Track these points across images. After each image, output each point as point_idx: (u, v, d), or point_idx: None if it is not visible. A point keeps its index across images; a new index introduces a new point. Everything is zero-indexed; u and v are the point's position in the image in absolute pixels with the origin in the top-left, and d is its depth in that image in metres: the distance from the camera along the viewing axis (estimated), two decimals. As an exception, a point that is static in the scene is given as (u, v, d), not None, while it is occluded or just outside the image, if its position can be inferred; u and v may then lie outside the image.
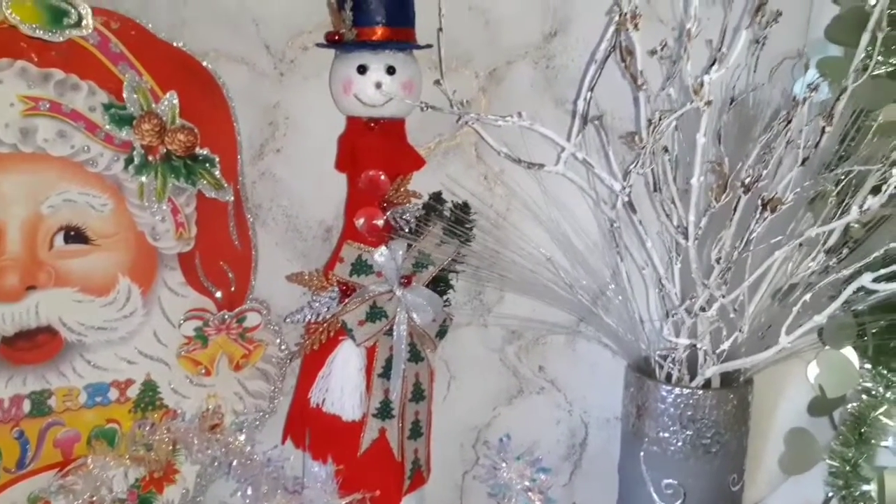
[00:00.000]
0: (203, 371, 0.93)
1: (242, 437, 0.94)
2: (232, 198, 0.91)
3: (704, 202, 0.77)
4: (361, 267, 0.86)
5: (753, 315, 0.82)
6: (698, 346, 0.78)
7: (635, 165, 0.74)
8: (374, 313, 0.85)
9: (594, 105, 0.78)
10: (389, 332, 0.86)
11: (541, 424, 1.05)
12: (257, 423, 0.97)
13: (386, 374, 0.86)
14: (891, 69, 0.86)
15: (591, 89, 0.77)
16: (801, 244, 0.79)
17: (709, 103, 0.64)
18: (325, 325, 0.87)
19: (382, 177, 0.85)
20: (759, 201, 0.72)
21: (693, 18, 0.64)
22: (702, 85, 0.63)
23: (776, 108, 0.86)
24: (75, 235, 0.85)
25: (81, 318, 0.86)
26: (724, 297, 0.77)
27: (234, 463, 0.94)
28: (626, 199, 0.76)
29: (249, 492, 0.93)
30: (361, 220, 0.86)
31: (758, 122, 0.79)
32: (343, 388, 0.84)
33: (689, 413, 0.84)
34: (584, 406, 1.05)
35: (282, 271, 0.95)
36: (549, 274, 0.90)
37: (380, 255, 0.85)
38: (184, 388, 0.93)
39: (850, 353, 0.84)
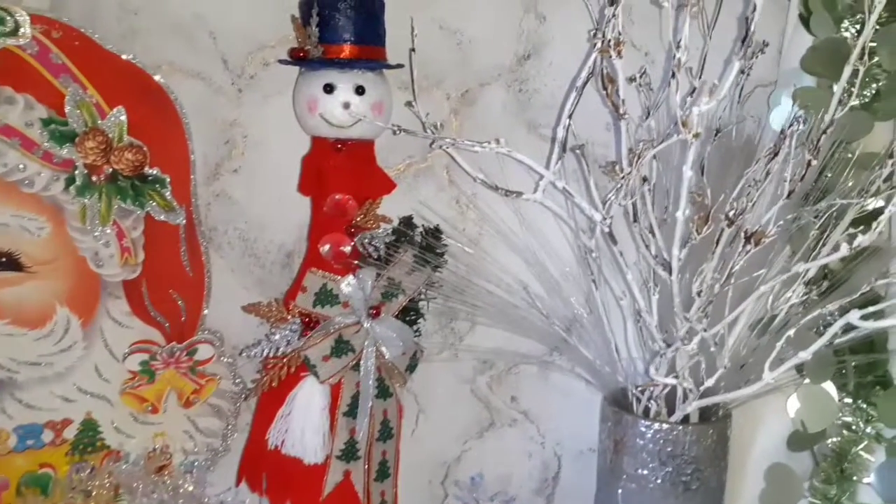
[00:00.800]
0: (149, 408, 0.87)
1: (193, 479, 0.88)
2: (184, 220, 0.85)
3: (684, 233, 0.74)
4: (326, 297, 0.81)
5: (733, 347, 0.80)
6: (679, 383, 0.75)
7: (617, 196, 0.70)
8: (340, 347, 0.79)
9: (571, 131, 0.75)
10: (356, 367, 0.81)
11: (513, 458, 1.01)
12: (209, 463, 0.91)
13: (352, 412, 0.80)
14: (866, 101, 0.85)
15: (570, 116, 0.74)
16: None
17: (697, 136, 0.62)
18: (284, 360, 0.81)
19: (350, 201, 0.80)
20: (743, 234, 0.70)
21: (683, 48, 0.62)
22: (690, 117, 0.61)
23: (748, 135, 0.85)
24: (7, 262, 0.78)
25: (12, 352, 0.79)
26: (705, 330, 0.75)
27: (183, 506, 0.87)
28: (607, 229, 0.73)
29: (201, 539, 0.87)
30: (327, 247, 0.81)
31: (739, 152, 0.77)
32: (304, 429, 0.79)
33: (669, 449, 0.81)
34: (557, 438, 1.02)
35: (237, 300, 0.89)
36: (522, 302, 0.86)
37: (347, 285, 0.80)
38: (128, 426, 0.86)
39: (829, 386, 0.82)
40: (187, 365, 0.88)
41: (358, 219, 0.82)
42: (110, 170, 0.81)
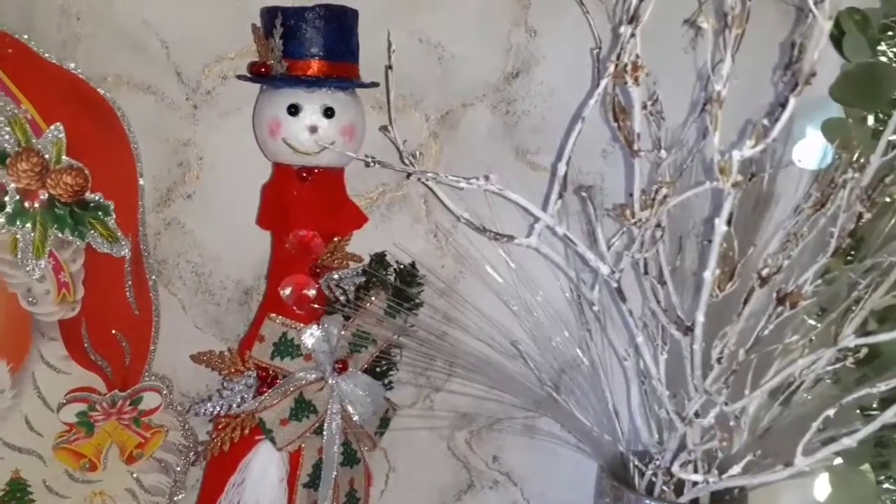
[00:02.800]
0: (87, 465, 0.77)
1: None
2: (129, 253, 0.76)
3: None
4: (286, 348, 0.70)
5: (752, 418, 0.69)
6: (705, 479, 0.64)
7: (633, 248, 0.60)
8: (301, 409, 0.69)
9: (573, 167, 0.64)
10: (318, 431, 0.70)
11: (494, 525, 0.91)
12: (153, 526, 0.81)
13: (313, 483, 0.70)
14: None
15: (572, 151, 0.63)
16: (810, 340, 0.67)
17: (738, 185, 0.51)
18: (238, 420, 0.70)
19: (316, 238, 0.70)
20: (775, 295, 0.60)
21: (723, 79, 0.51)
22: (730, 164, 0.50)
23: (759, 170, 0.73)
24: (-77, 298, 0.68)
25: (-73, 402, 0.69)
26: (726, 404, 0.64)
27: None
28: (616, 284, 0.62)
29: None
30: (288, 290, 0.71)
31: (773, 199, 0.66)
32: (259, 501, 0.68)
33: (676, 533, 0.71)
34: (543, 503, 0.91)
35: (189, 341, 0.80)
36: (507, 355, 0.76)
37: (310, 336, 0.69)
38: (62, 486, 0.77)
39: (866, 467, 0.72)
40: (131, 416, 0.78)
41: (324, 257, 0.72)
42: (46, 195, 0.72)
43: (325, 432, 0.70)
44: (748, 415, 0.68)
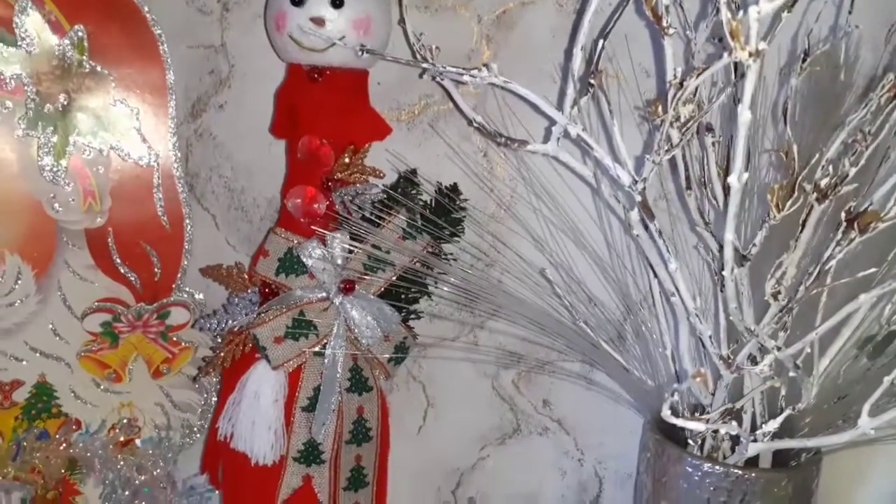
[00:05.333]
0: (112, 376, 0.76)
1: (161, 458, 0.77)
2: (158, 163, 0.72)
3: (762, 208, 0.52)
4: (291, 264, 0.65)
5: (826, 373, 0.57)
6: (739, 430, 0.53)
7: (657, 150, 0.49)
8: (298, 327, 0.64)
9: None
10: (322, 353, 0.65)
11: (542, 473, 0.82)
12: (188, 441, 0.79)
13: (313, 407, 0.65)
14: None
15: (606, 37, 0.53)
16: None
17: (756, 55, 0.39)
18: (241, 336, 0.66)
19: (325, 145, 0.64)
20: (843, 215, 0.47)
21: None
22: (741, 24, 0.38)
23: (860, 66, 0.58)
24: (-55, 200, 0.69)
25: (-46, 304, 0.71)
26: (779, 349, 0.52)
27: (146, 490, 0.76)
28: (640, 197, 0.51)
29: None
30: (297, 202, 0.65)
31: (849, 93, 0.52)
32: (254, 422, 0.64)
33: (723, 499, 0.60)
34: (600, 455, 0.82)
35: (223, 259, 0.76)
36: (544, 294, 0.67)
37: (312, 250, 0.64)
38: (90, 395, 0.77)
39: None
40: (158, 330, 0.77)
41: (338, 169, 0.65)
42: (67, 99, 0.70)
43: (326, 355, 0.64)
44: (818, 369, 0.56)
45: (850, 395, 0.59)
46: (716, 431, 0.61)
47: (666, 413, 0.47)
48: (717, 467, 0.60)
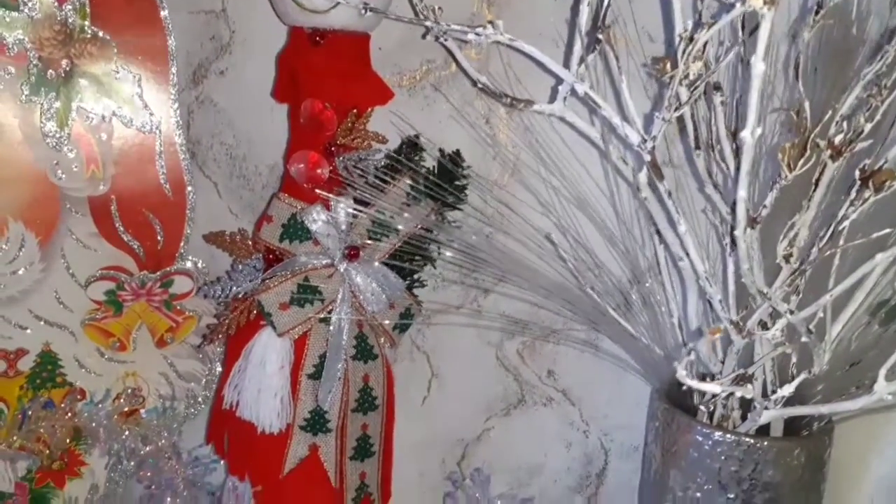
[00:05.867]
0: (116, 344, 0.76)
1: (165, 428, 0.77)
2: (159, 130, 0.72)
3: (772, 169, 0.51)
4: (295, 230, 0.65)
5: (838, 339, 0.56)
6: (747, 389, 0.52)
7: (667, 107, 0.48)
8: (304, 294, 0.63)
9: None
10: (327, 320, 0.64)
11: (546, 445, 0.82)
12: (192, 411, 0.79)
13: (319, 374, 0.64)
14: None
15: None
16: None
17: (771, 3, 0.38)
18: (246, 303, 0.66)
19: (327, 110, 0.63)
20: (857, 173, 0.46)
21: None
22: None
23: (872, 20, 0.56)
24: (-52, 167, 0.68)
25: (-43, 272, 0.71)
26: (791, 312, 0.51)
27: (151, 460, 0.76)
28: (649, 156, 0.50)
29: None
30: (300, 167, 0.64)
31: (861, 48, 0.51)
32: (260, 390, 0.64)
33: (734, 469, 0.59)
34: (605, 427, 0.81)
35: (225, 227, 0.75)
36: (548, 257, 0.66)
37: (316, 215, 0.63)
38: (94, 363, 0.77)
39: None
40: (161, 298, 0.76)
41: (341, 134, 0.64)
42: (69, 65, 0.69)
43: (332, 322, 0.64)
44: (830, 334, 0.55)
45: (862, 362, 0.58)
46: (727, 398, 0.61)
47: (682, 374, 0.46)
48: (729, 436, 0.59)
